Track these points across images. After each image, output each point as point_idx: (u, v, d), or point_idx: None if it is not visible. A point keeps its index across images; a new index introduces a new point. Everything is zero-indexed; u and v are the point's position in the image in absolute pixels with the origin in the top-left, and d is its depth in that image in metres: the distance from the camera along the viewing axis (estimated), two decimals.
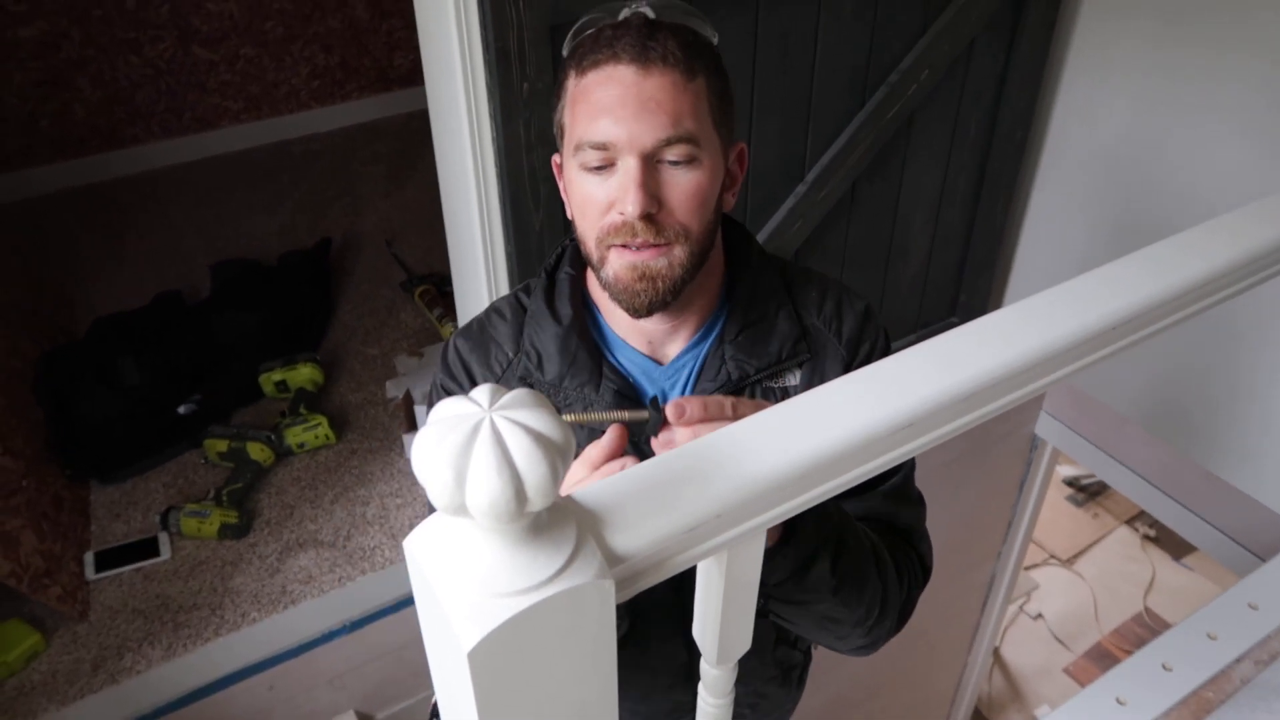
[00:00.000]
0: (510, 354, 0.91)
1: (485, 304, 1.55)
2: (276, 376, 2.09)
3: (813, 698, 3.26)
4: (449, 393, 0.92)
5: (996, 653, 4.82)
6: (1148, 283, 0.74)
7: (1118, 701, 1.48)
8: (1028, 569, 5.13)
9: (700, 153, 0.79)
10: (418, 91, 3.52)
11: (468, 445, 0.44)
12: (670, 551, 0.54)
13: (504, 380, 0.90)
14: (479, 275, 1.54)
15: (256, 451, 1.90)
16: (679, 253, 0.81)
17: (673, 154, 0.78)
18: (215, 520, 1.77)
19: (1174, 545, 5.12)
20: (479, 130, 1.38)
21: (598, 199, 0.80)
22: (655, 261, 0.80)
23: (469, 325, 0.95)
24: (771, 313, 0.91)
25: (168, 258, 2.72)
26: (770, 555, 0.77)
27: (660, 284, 0.81)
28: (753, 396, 0.90)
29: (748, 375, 0.89)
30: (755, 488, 0.55)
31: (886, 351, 0.96)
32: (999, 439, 2.93)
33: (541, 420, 0.45)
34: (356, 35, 3.44)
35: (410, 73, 3.57)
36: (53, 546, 1.68)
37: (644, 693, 1.03)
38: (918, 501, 0.98)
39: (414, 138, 3.40)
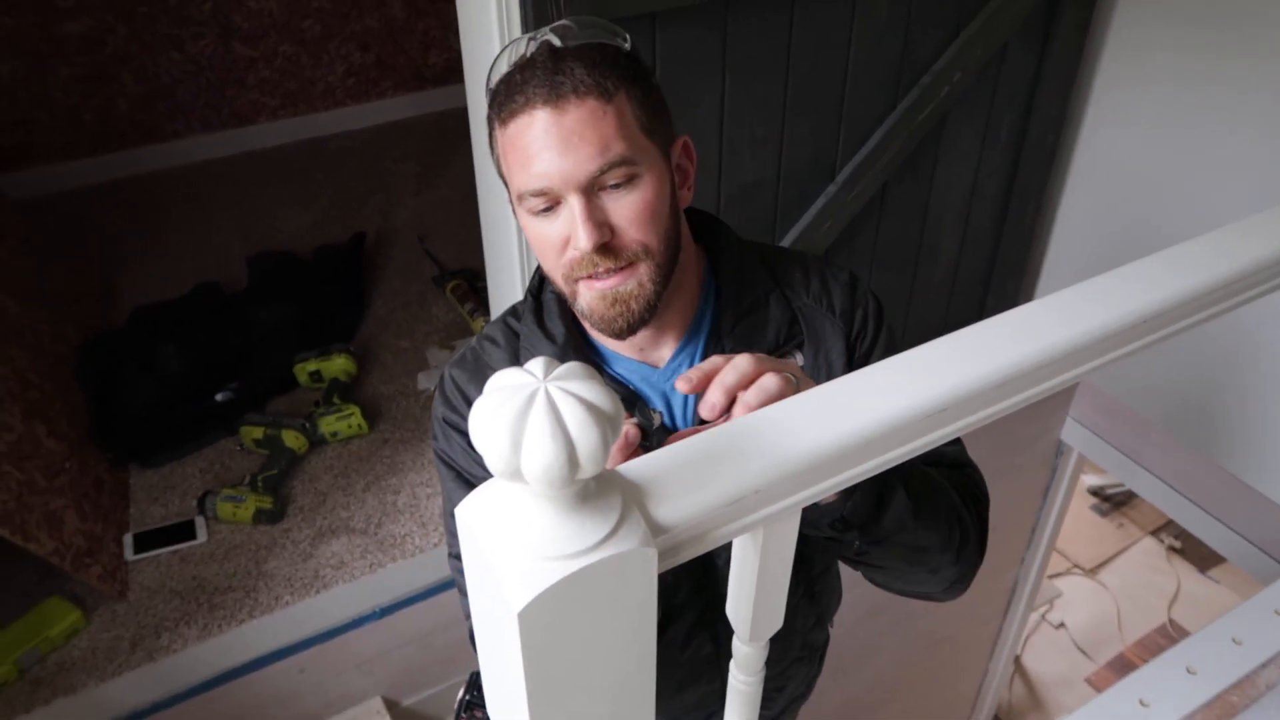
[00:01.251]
0: None
1: (518, 297, 1.58)
2: (311, 367, 2.13)
3: (831, 699, 3.27)
4: (451, 425, 0.92)
5: (1018, 661, 4.79)
6: (1175, 280, 0.75)
7: (1141, 704, 1.49)
8: (1051, 578, 5.10)
9: (638, 168, 0.79)
10: (452, 90, 3.60)
11: (524, 413, 0.46)
12: (710, 525, 0.56)
13: None
14: (513, 269, 1.57)
15: (291, 439, 1.94)
16: (644, 270, 0.81)
17: (611, 179, 0.78)
18: (250, 505, 1.81)
19: (1200, 557, 5.07)
20: None
21: (552, 239, 0.80)
22: (624, 286, 0.81)
23: (462, 356, 0.96)
24: (762, 300, 0.92)
25: (205, 250, 2.77)
26: (848, 496, 0.78)
27: (634, 305, 0.82)
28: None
29: None
30: (793, 466, 0.57)
31: (880, 314, 0.97)
32: (1024, 444, 2.93)
33: (593, 391, 0.47)
34: (392, 34, 3.49)
35: (445, 71, 3.62)
36: (94, 527, 1.72)
37: (672, 687, 1.05)
38: (955, 439, 0.99)
39: (447, 136, 3.44)
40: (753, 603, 0.67)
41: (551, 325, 0.90)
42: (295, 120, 3.43)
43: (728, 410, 0.70)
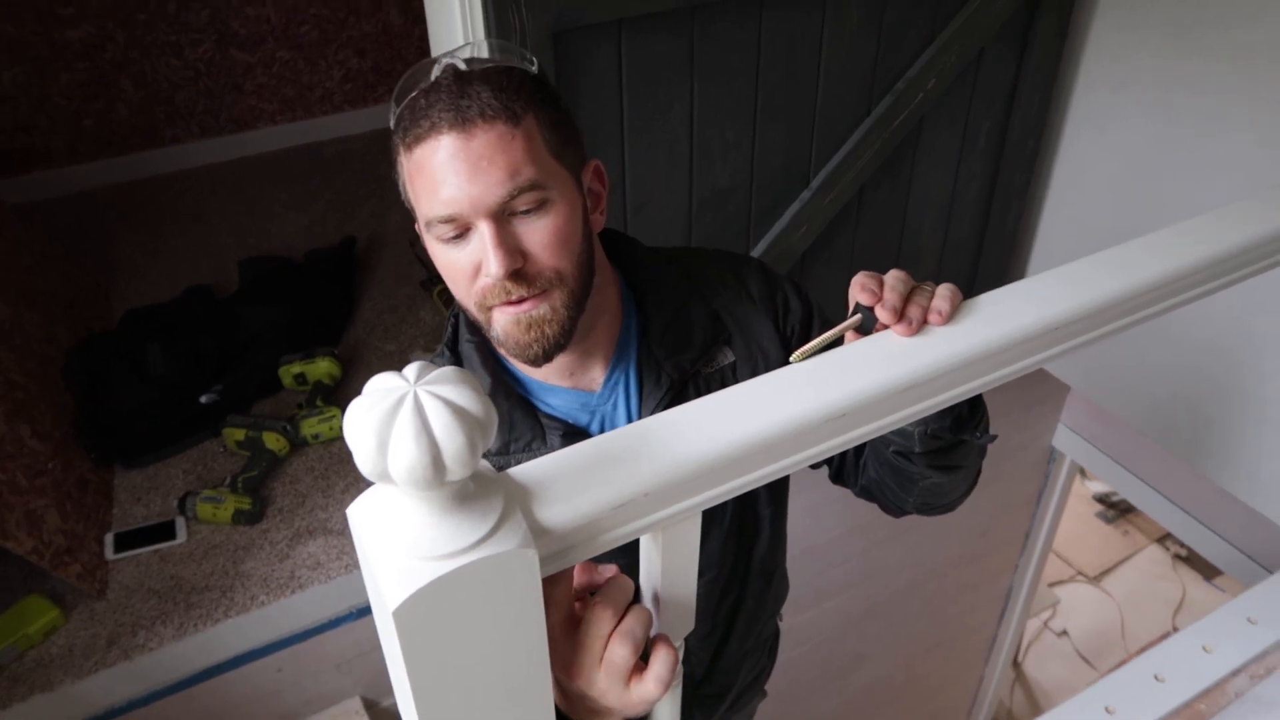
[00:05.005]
0: None
1: None
2: (295, 369, 2.15)
3: (824, 704, 3.24)
4: None
5: (1019, 668, 4.77)
6: (1105, 283, 0.75)
7: (1106, 710, 1.49)
8: (1053, 585, 5.07)
9: (549, 193, 0.78)
10: None
11: (391, 415, 0.47)
12: (598, 528, 0.56)
13: None
14: None
15: (272, 441, 1.96)
16: (558, 297, 0.81)
17: (521, 204, 0.77)
18: (230, 506, 1.83)
19: (1205, 565, 5.03)
20: None
21: (462, 266, 0.79)
22: (536, 310, 0.80)
23: None
24: (682, 304, 0.92)
25: (200, 253, 2.81)
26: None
27: (549, 329, 0.81)
28: (696, 388, 0.92)
29: (685, 370, 0.90)
30: (683, 470, 0.58)
31: (799, 289, 0.98)
32: (1015, 450, 2.92)
33: (463, 395, 0.48)
34: (390, 40, 3.52)
35: None
36: (75, 526, 1.75)
37: None
38: None
39: None
40: (659, 605, 0.68)
41: (476, 376, 0.89)
42: (293, 125, 3.46)
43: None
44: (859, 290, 0.71)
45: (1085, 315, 0.73)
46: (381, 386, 0.49)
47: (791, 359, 0.67)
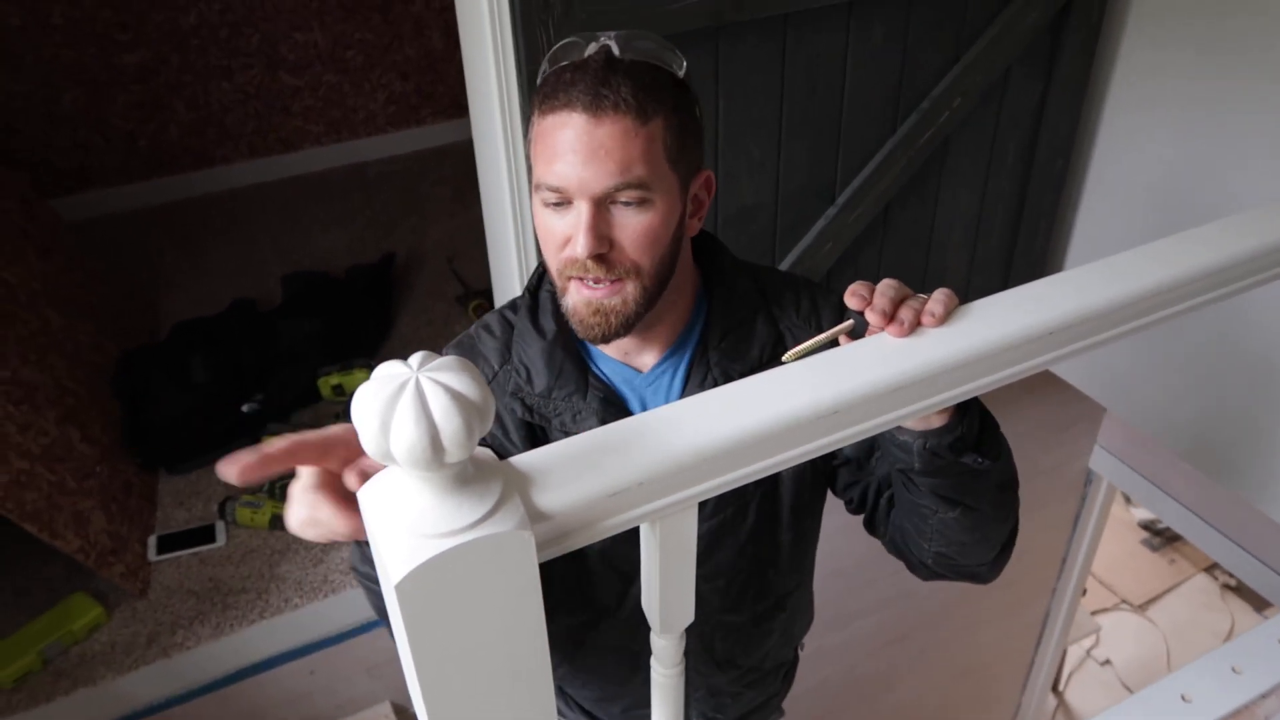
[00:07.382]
0: (495, 367, 0.96)
1: None
2: (334, 380, 2.21)
3: None
4: None
5: (1061, 696, 4.67)
6: (1109, 287, 0.76)
7: None
8: (1097, 614, 4.97)
9: (652, 194, 0.83)
10: None
11: (394, 399, 0.50)
12: (594, 515, 0.59)
13: None
14: (517, 291, 1.63)
15: None
16: (631, 289, 0.86)
17: (623, 197, 0.82)
18: (267, 511, 1.89)
19: (1255, 596, 4.89)
20: (514, 152, 1.47)
21: (556, 233, 0.84)
22: (609, 300, 0.85)
23: (461, 339, 1.00)
24: (749, 319, 0.96)
25: (245, 268, 2.90)
26: (960, 419, 0.79)
27: (613, 319, 0.86)
28: None
29: (730, 378, 0.91)
30: (677, 461, 0.60)
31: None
32: (1048, 471, 2.88)
33: (461, 381, 0.52)
34: (432, 64, 3.62)
35: None
36: (120, 528, 1.81)
37: (625, 675, 1.08)
38: None
39: None
40: (659, 593, 0.70)
41: (544, 321, 0.95)
42: (338, 146, 3.57)
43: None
44: (850, 296, 0.74)
45: (1084, 319, 0.74)
46: (387, 373, 0.52)
47: (784, 359, 0.70)
